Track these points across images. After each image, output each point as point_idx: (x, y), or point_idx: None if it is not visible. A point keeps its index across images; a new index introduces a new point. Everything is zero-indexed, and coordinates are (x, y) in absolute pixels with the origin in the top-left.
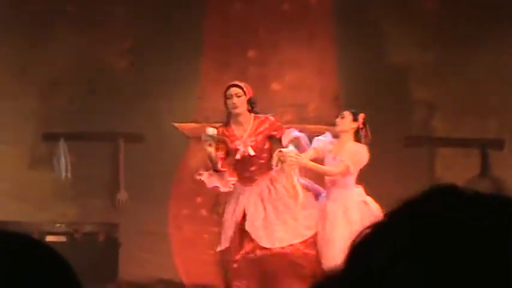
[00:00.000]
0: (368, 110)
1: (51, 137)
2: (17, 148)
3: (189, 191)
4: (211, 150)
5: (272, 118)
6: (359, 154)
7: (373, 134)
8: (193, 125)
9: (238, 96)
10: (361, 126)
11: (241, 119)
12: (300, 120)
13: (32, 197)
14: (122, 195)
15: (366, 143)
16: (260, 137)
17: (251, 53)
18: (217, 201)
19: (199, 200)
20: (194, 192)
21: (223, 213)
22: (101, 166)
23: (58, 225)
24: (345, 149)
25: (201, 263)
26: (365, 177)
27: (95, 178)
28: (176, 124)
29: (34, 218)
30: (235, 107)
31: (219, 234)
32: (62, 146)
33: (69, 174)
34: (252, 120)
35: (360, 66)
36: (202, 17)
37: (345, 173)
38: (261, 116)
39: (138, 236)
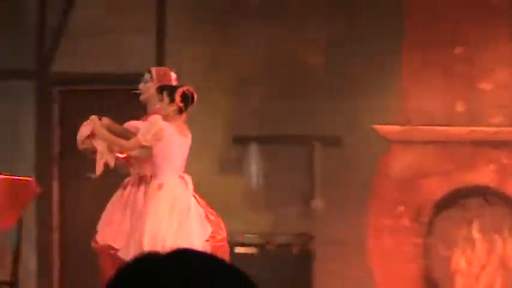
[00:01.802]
0: None
1: (242, 140)
2: (208, 152)
3: (390, 199)
4: None
5: None
6: None
7: None
8: (394, 127)
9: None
10: None
11: None
12: None
13: (221, 204)
14: (317, 204)
15: None
16: None
17: (458, 50)
18: (420, 211)
19: (401, 209)
20: (395, 201)
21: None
22: (294, 172)
23: (248, 235)
24: None
25: (402, 278)
26: None
27: (288, 185)
28: (376, 126)
29: None
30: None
31: (422, 245)
32: (253, 150)
33: (260, 180)
34: None
35: None
36: (401, 11)
37: None
38: None
39: (334, 248)
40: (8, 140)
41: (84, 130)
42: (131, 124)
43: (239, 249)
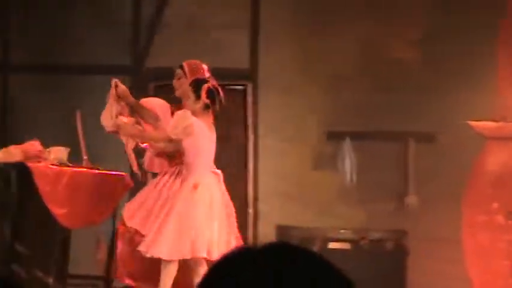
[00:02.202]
0: None
1: (336, 136)
2: (302, 147)
3: (484, 196)
4: None
5: None
6: None
7: None
8: (490, 123)
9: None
10: None
11: None
12: None
13: (316, 200)
14: (411, 200)
15: None
16: None
17: None
18: None
19: (495, 205)
20: (490, 198)
21: None
22: (388, 168)
23: (342, 231)
24: None
25: (495, 275)
26: None
27: (382, 180)
28: (471, 123)
29: (317, 223)
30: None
31: None
32: (347, 146)
33: (354, 176)
34: None
35: None
36: (499, 8)
37: None
38: None
39: (427, 244)
40: (106, 136)
41: (106, 122)
42: (146, 101)
43: (333, 245)
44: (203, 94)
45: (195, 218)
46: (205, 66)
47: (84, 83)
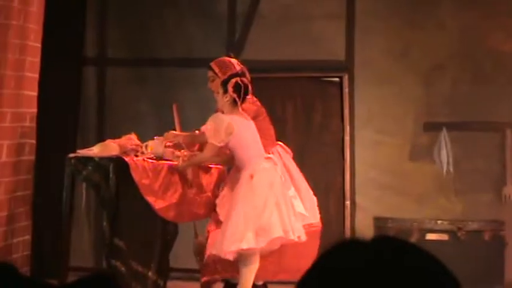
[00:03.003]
0: None
1: (433, 127)
2: (398, 138)
3: None
4: None
5: None
6: None
7: None
8: None
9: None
10: None
11: None
12: None
13: (413, 191)
14: (509, 190)
15: None
16: None
17: None
18: None
19: None
20: None
21: None
22: (485, 158)
23: (440, 222)
24: None
25: None
26: None
27: (479, 171)
28: None
29: (415, 214)
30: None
31: None
32: (444, 137)
33: (451, 167)
34: None
35: None
36: None
37: None
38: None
39: None
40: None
41: (157, 149)
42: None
43: (431, 236)
44: (230, 88)
45: (257, 204)
46: (234, 60)
47: (180, 75)
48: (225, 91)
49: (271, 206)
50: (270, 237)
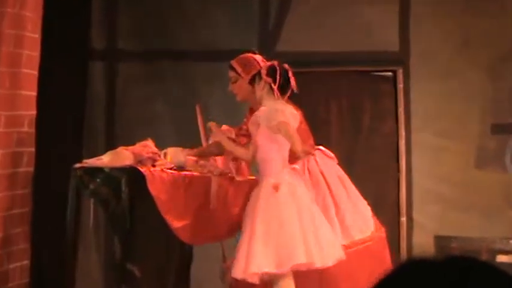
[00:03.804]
0: None
1: (502, 129)
2: (462, 143)
3: None
4: None
5: None
6: None
7: None
8: None
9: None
10: None
11: None
12: None
13: (481, 204)
14: None
15: None
16: None
17: None
18: None
19: None
20: None
21: None
22: None
23: None
24: None
25: None
26: None
27: None
28: None
29: (482, 232)
30: None
31: None
32: None
33: None
34: None
35: None
36: None
37: None
38: None
39: None
40: None
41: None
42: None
43: (502, 258)
44: (263, 75)
45: (282, 223)
46: (258, 57)
47: (204, 71)
48: (260, 79)
49: (295, 225)
50: (291, 263)
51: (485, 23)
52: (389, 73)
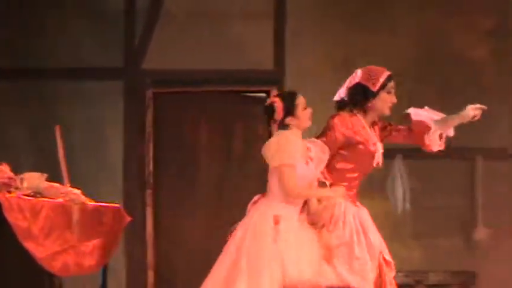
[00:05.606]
0: None
1: (384, 154)
2: None
3: None
4: None
5: None
6: None
7: None
8: None
9: None
10: None
11: None
12: None
13: None
14: (480, 234)
15: None
16: None
17: None
18: None
19: None
20: None
21: None
22: (451, 193)
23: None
24: None
25: None
26: None
27: (443, 209)
28: None
29: None
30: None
31: None
32: (399, 166)
33: (407, 205)
34: None
35: None
36: None
37: None
38: None
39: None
40: (92, 156)
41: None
42: None
43: None
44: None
45: (275, 257)
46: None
47: (66, 90)
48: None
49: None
50: None
51: (367, 40)
52: (263, 94)
